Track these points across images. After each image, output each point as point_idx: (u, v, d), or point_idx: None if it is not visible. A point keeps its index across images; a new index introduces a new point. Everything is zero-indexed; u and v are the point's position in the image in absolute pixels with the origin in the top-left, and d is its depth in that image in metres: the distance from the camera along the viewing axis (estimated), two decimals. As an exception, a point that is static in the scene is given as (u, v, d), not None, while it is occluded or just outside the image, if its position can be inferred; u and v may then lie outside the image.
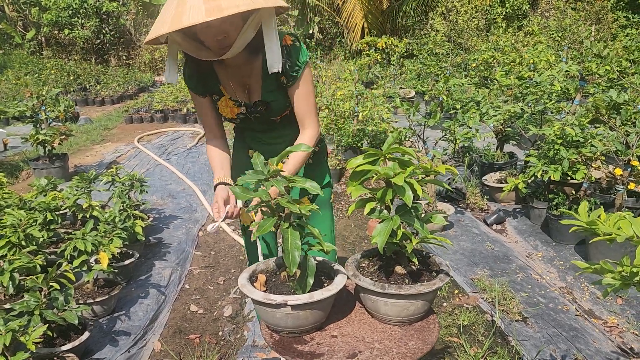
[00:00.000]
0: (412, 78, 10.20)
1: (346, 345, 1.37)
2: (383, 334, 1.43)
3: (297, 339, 1.42)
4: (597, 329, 2.76)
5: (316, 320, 1.42)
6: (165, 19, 1.50)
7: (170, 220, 4.56)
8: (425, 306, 1.46)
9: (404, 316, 1.44)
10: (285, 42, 1.73)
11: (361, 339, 1.40)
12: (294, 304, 1.34)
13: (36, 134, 5.37)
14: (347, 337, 1.41)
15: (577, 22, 11.35)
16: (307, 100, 1.81)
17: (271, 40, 1.62)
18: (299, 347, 1.38)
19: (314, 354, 1.34)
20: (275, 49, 1.64)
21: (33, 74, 12.79)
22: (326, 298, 1.37)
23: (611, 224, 1.35)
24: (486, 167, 5.08)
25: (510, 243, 3.91)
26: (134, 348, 2.73)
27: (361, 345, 1.37)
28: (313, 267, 1.41)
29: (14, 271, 2.62)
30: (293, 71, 1.74)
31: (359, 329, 1.45)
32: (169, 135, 8.15)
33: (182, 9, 1.45)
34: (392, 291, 1.37)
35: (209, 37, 1.60)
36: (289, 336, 1.43)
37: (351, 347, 1.36)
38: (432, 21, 13.59)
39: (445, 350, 2.63)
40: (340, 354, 1.33)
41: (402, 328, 1.46)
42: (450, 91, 5.01)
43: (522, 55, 7.06)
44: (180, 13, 1.45)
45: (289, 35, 1.75)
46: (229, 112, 1.88)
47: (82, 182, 3.78)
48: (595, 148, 3.65)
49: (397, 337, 1.42)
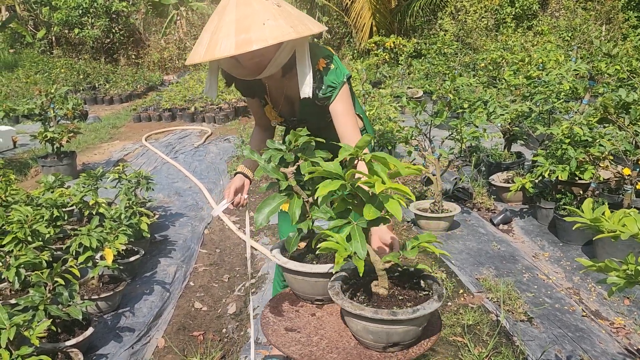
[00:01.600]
0: (420, 78, 10.16)
1: (302, 324, 1.45)
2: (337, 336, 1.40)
3: (293, 300, 1.58)
4: (604, 330, 2.73)
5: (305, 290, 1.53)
6: (200, 48, 1.58)
7: (176, 217, 4.57)
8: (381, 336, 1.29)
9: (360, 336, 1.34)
10: (319, 66, 1.76)
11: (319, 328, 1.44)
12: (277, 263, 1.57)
13: (45, 132, 5.41)
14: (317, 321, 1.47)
15: (587, 21, 11.26)
16: (346, 118, 1.80)
17: (303, 66, 1.68)
18: (285, 303, 1.57)
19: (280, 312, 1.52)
20: (307, 75, 1.69)
21: (43, 72, 12.89)
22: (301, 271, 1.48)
23: (616, 221, 1.33)
24: (493, 167, 5.05)
25: (517, 243, 3.89)
26: (137, 344, 2.74)
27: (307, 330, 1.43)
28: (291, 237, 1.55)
29: (20, 267, 2.64)
30: (326, 94, 1.78)
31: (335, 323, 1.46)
32: (177, 133, 8.18)
33: (215, 39, 1.53)
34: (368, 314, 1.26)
35: (245, 59, 1.67)
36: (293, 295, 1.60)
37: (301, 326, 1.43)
38: (440, 21, 13.54)
39: (449, 349, 2.62)
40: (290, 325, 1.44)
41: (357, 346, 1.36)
42: (458, 90, 4.99)
43: (530, 55, 7.01)
44: (214, 44, 1.53)
45: (324, 59, 1.77)
46: (273, 117, 1.97)
47: (89, 180, 3.80)
48: (604, 148, 3.61)
49: (338, 345, 1.36)
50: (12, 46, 16.01)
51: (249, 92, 1.95)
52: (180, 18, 16.54)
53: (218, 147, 7.23)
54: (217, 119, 8.82)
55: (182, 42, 16.15)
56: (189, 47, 15.58)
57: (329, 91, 1.77)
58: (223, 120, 8.82)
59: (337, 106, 1.79)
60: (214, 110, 9.13)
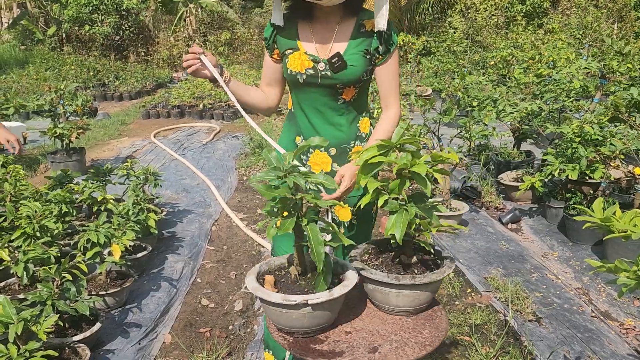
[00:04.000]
0: (429, 76, 10.11)
1: (363, 340, 1.35)
2: (395, 326, 1.41)
3: (312, 339, 1.36)
4: (613, 331, 2.70)
5: (331, 318, 1.39)
6: None
7: (184, 214, 4.58)
8: (432, 295, 1.46)
9: (414, 306, 1.43)
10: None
11: (376, 332, 1.38)
12: (315, 302, 1.28)
13: (54, 128, 5.44)
14: (361, 332, 1.39)
15: (599, 19, 11.14)
16: (395, 79, 1.83)
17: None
18: (316, 346, 1.33)
19: (334, 352, 1.30)
20: (384, 8, 1.70)
21: (53, 69, 12.98)
22: (344, 294, 1.34)
23: (627, 220, 1.31)
24: (502, 166, 5.02)
25: (526, 242, 3.86)
26: (144, 340, 2.74)
27: (378, 339, 1.35)
28: (331, 263, 1.38)
29: (29, 262, 2.65)
30: (390, 44, 1.76)
31: (370, 323, 1.43)
32: (185, 130, 8.20)
33: None
34: (406, 282, 1.36)
35: None
36: (304, 337, 1.37)
37: (369, 342, 1.34)
38: (450, 19, 13.47)
39: (456, 349, 2.60)
40: (361, 349, 1.30)
41: (412, 318, 1.45)
42: (467, 89, 4.95)
43: (541, 53, 6.95)
44: None
45: None
46: (298, 65, 1.81)
47: (98, 176, 3.82)
48: (615, 147, 3.57)
49: (410, 327, 1.41)
50: (23, 43, 16.14)
51: (273, 44, 1.86)
52: (190, 15, 16.57)
53: (226, 144, 7.24)
54: (226, 116, 8.83)
55: (191, 40, 16.20)
56: (198, 44, 15.61)
57: (392, 43, 1.77)
58: (231, 118, 8.83)
59: (390, 63, 1.80)
60: (223, 107, 9.14)
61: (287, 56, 1.83)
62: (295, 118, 1.94)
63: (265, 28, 1.88)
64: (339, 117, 1.86)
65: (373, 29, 1.76)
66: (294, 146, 1.94)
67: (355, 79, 1.78)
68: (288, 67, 1.83)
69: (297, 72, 1.81)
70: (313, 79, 1.81)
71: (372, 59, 1.79)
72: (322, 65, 1.78)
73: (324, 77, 1.79)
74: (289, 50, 1.83)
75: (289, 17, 1.82)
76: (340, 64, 1.75)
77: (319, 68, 1.78)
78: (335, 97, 1.83)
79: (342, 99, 1.84)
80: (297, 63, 1.81)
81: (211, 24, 16.91)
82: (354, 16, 1.78)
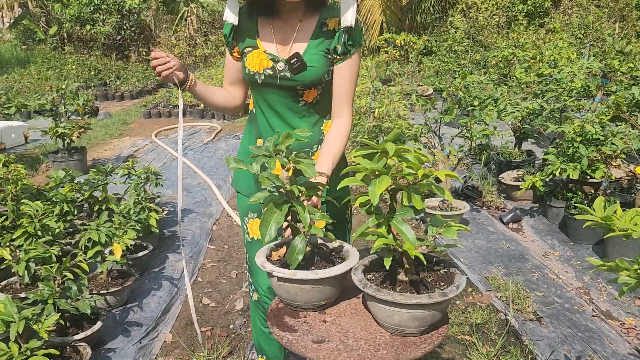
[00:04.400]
0: (430, 75, 10.11)
1: (325, 332, 1.36)
2: (367, 334, 1.36)
3: (291, 312, 1.45)
4: (614, 330, 2.70)
5: (310, 299, 1.42)
6: None
7: (185, 213, 4.59)
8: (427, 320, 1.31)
9: (403, 326, 1.31)
10: None
11: (344, 331, 1.37)
12: (278, 276, 1.38)
13: (55, 127, 5.45)
14: (335, 326, 1.39)
15: (601, 19, 11.13)
16: (352, 84, 1.72)
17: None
18: (286, 318, 1.43)
19: (292, 328, 1.38)
20: (352, 4, 1.60)
21: (55, 69, 12.98)
22: (310, 279, 1.36)
23: (627, 219, 1.31)
24: (503, 165, 5.01)
25: (527, 242, 3.85)
26: (145, 339, 2.75)
27: (336, 337, 1.34)
28: (296, 246, 1.41)
29: (30, 261, 2.66)
30: (350, 42, 1.66)
31: (351, 322, 1.42)
32: (186, 130, 8.21)
33: None
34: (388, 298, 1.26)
35: None
36: (288, 308, 1.47)
37: (326, 335, 1.35)
38: (451, 18, 13.46)
39: (457, 348, 2.60)
40: (314, 337, 1.34)
41: (392, 337, 1.35)
42: (468, 88, 4.95)
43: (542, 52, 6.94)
44: None
45: None
46: (256, 64, 1.72)
47: (99, 175, 3.82)
48: (616, 146, 3.57)
49: (378, 342, 1.33)
50: (25, 43, 16.15)
51: (233, 41, 1.77)
52: (191, 15, 16.57)
53: (227, 143, 7.25)
54: (227, 115, 8.83)
55: (192, 39, 16.19)
56: (199, 44, 15.63)
57: (353, 42, 1.67)
58: (232, 117, 8.83)
59: (349, 65, 1.69)
60: (224, 107, 9.14)
61: (246, 54, 1.74)
62: (255, 119, 1.85)
63: (225, 25, 1.78)
64: (300, 120, 1.77)
65: (336, 28, 1.67)
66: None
67: (316, 80, 1.70)
68: (246, 66, 1.74)
69: (255, 71, 1.72)
70: (272, 80, 1.72)
71: (332, 59, 1.70)
72: (281, 65, 1.69)
73: (283, 78, 1.70)
74: (249, 48, 1.74)
75: (249, 13, 1.73)
76: (299, 65, 1.67)
77: (278, 68, 1.69)
78: (295, 98, 1.74)
79: (303, 101, 1.75)
80: (256, 62, 1.72)
81: (212, 24, 16.90)
82: (317, 14, 1.69)
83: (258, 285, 1.94)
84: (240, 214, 1.95)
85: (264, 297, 1.93)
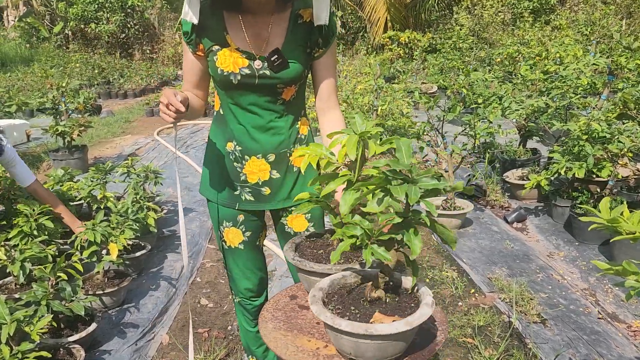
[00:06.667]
0: (434, 73, 10.03)
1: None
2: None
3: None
4: (621, 333, 2.64)
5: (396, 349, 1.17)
6: None
7: (185, 212, 4.54)
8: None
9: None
10: None
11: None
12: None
13: (55, 126, 5.42)
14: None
15: (607, 16, 11.00)
16: (335, 73, 1.69)
17: None
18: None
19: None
20: (326, 3, 1.54)
21: (58, 67, 12.99)
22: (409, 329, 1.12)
23: (635, 221, 1.25)
24: (508, 164, 4.95)
25: (531, 242, 3.79)
26: (141, 341, 2.70)
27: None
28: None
29: (25, 261, 2.62)
30: (330, 35, 1.62)
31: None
32: (189, 128, 8.17)
33: None
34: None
35: None
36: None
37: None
38: (456, 15, 13.37)
39: (459, 351, 2.54)
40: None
41: None
42: (472, 85, 4.88)
43: (548, 49, 6.86)
44: None
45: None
46: (230, 64, 1.58)
47: (98, 173, 3.78)
48: (623, 144, 3.49)
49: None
50: (29, 41, 16.17)
51: (196, 39, 1.62)
52: (195, 13, 16.54)
53: (229, 142, 7.20)
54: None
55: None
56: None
57: (330, 38, 1.63)
58: (203, 117, 8.80)
59: (330, 57, 1.66)
60: (226, 105, 9.11)
61: (214, 53, 1.60)
62: (225, 122, 1.70)
63: (183, 21, 1.60)
64: (278, 120, 1.67)
65: (312, 19, 1.58)
66: (224, 154, 1.71)
67: (297, 76, 1.61)
68: (218, 66, 1.59)
69: (230, 72, 1.58)
70: (250, 80, 1.59)
71: (311, 52, 1.63)
72: (258, 64, 1.57)
73: (262, 77, 1.58)
74: (216, 46, 1.59)
75: (212, 7, 1.58)
76: (281, 62, 1.56)
77: (256, 66, 1.57)
78: (274, 97, 1.63)
79: (282, 100, 1.65)
80: (229, 61, 1.58)
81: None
82: (289, 5, 1.59)
83: (237, 289, 1.94)
84: (214, 222, 1.85)
85: (244, 300, 1.94)
